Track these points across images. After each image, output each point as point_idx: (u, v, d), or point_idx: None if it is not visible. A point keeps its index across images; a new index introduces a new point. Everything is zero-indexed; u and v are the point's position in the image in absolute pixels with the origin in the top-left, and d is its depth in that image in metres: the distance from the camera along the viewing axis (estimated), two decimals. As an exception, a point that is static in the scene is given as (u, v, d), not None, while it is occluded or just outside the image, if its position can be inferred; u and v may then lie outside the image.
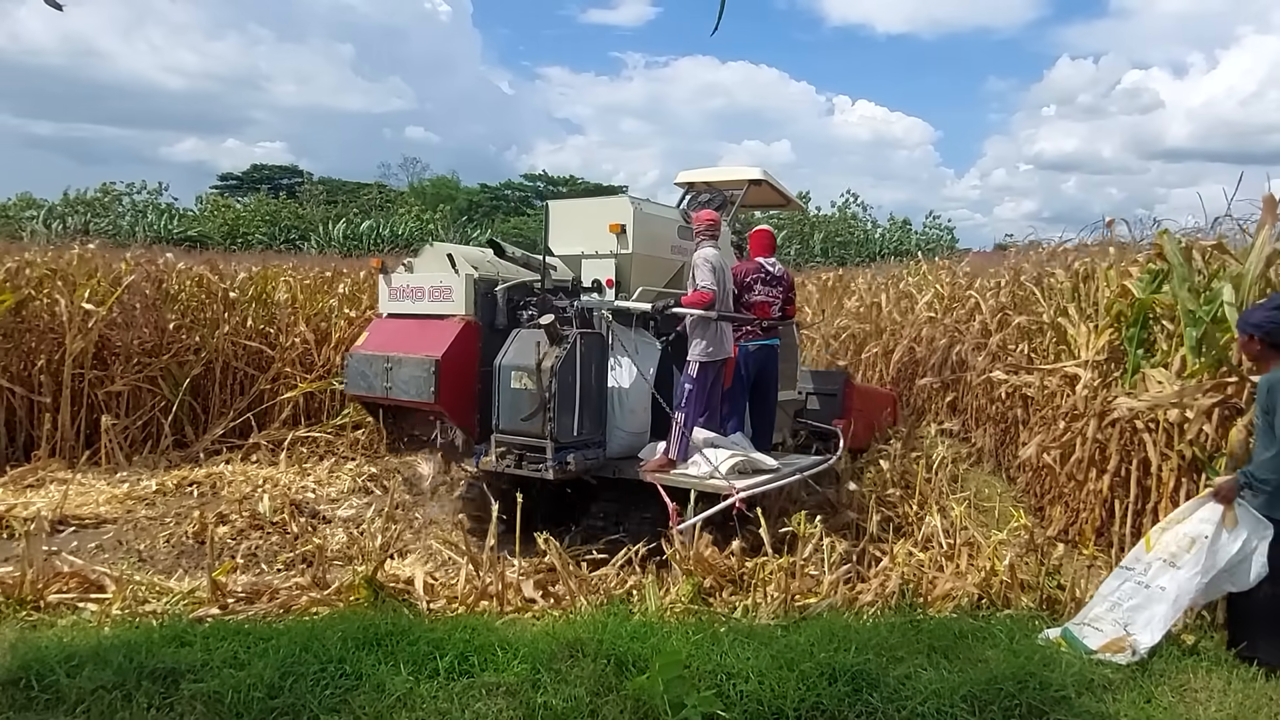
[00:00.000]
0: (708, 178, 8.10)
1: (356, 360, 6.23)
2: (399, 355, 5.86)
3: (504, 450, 5.74)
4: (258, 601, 4.98)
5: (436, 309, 6.05)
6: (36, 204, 46.71)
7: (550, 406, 5.46)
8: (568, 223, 6.66)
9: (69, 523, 6.89)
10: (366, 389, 6.16)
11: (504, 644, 4.14)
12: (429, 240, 7.76)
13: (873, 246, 49.76)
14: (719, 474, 5.72)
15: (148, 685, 3.72)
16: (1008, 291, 9.78)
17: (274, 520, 6.81)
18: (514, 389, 5.64)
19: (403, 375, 5.81)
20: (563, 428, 5.57)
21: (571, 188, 64.13)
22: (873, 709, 3.69)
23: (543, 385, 5.47)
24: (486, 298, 6.04)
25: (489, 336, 5.97)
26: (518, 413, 5.62)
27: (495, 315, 6.06)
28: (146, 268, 9.90)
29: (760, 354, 6.90)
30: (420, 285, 6.20)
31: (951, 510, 6.12)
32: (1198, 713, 3.88)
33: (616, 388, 6.09)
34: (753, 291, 6.91)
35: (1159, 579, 4.44)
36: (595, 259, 6.54)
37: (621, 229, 6.33)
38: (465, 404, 5.90)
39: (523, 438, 5.65)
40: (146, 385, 9.18)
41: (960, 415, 10.25)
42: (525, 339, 5.76)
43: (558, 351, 5.53)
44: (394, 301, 6.39)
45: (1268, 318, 4.32)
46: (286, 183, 60.25)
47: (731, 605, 5.07)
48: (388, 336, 6.17)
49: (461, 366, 5.80)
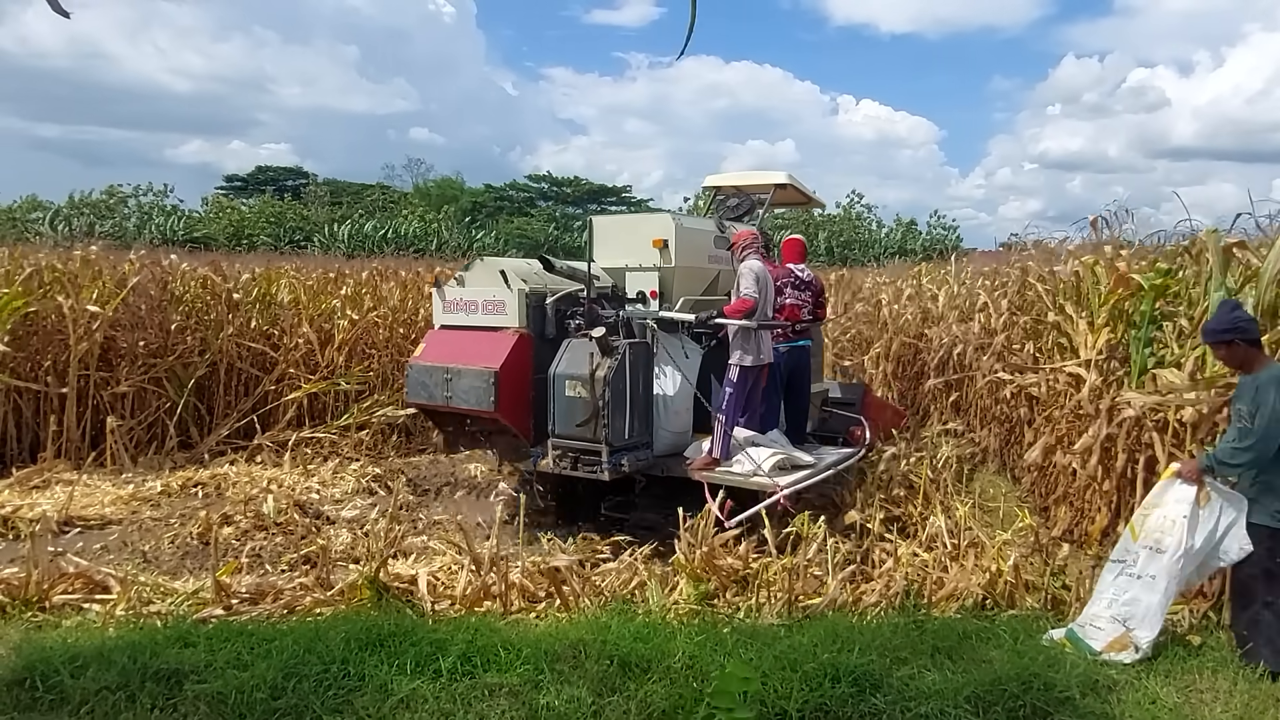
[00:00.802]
0: (735, 181, 8.45)
1: (416, 371, 6.52)
2: (458, 366, 6.22)
3: (560, 453, 6.13)
4: (262, 602, 4.99)
5: (490, 321, 6.41)
6: (42, 206, 46.93)
7: (604, 413, 5.84)
8: (611, 237, 7.14)
9: (74, 524, 6.90)
10: (427, 398, 6.46)
11: (507, 644, 4.14)
12: (478, 255, 8.21)
13: (877, 246, 49.73)
14: (762, 472, 6.05)
15: (151, 686, 3.74)
16: (1012, 290, 9.75)
17: (278, 521, 6.82)
18: (568, 397, 6.00)
19: (463, 385, 6.18)
20: (616, 432, 5.93)
21: (575, 188, 64.21)
22: (876, 710, 3.68)
23: (596, 394, 5.84)
24: (536, 310, 6.38)
25: (540, 346, 6.33)
26: (572, 419, 5.98)
27: (545, 326, 6.40)
28: (151, 269, 9.92)
29: (793, 355, 7.30)
30: (474, 299, 6.54)
31: (956, 510, 6.11)
32: (1203, 713, 3.86)
33: (661, 391, 6.54)
34: (784, 295, 7.28)
35: (1148, 568, 4.45)
36: (639, 271, 6.96)
37: (664, 244, 6.76)
38: (521, 410, 6.29)
39: (578, 441, 6.01)
40: (151, 386, 9.19)
41: (965, 415, 10.23)
42: (576, 349, 6.11)
43: (609, 362, 5.89)
44: (448, 314, 6.71)
45: (1234, 319, 4.41)
46: (291, 184, 60.36)
47: (735, 606, 5.07)
48: (445, 348, 6.49)
49: (517, 376, 6.17)
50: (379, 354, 10.51)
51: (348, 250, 37.56)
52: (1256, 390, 4.25)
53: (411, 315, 11.16)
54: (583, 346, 6.05)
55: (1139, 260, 6.75)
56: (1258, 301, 4.92)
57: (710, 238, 7.25)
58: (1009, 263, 10.93)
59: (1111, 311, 6.55)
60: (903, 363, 12.46)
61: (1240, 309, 4.58)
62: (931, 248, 32.80)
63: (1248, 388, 4.34)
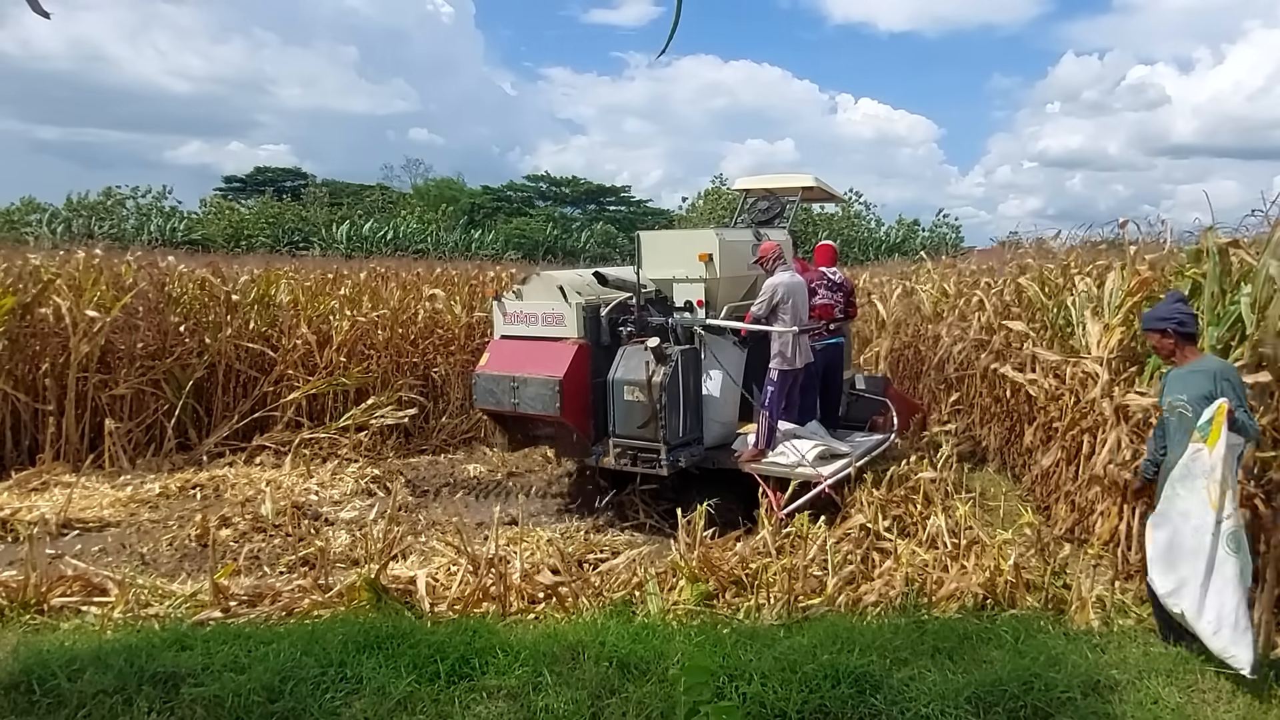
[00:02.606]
0: (766, 184, 9.02)
1: (484, 379, 7.15)
2: (524, 375, 6.87)
3: (620, 451, 6.75)
4: (260, 604, 4.97)
5: (550, 332, 7.06)
6: (40, 208, 46.86)
7: (661, 415, 6.46)
8: (657, 250, 7.68)
9: (73, 526, 6.90)
10: (495, 404, 7.12)
11: (504, 646, 4.12)
12: (536, 271, 8.94)
13: (877, 245, 49.72)
14: (806, 463, 6.63)
15: (148, 689, 3.72)
16: (1010, 289, 9.73)
17: (277, 523, 6.80)
18: (627, 400, 6.64)
19: (529, 392, 6.83)
20: (672, 431, 6.57)
21: (574, 188, 64.14)
22: (876, 711, 3.66)
23: (653, 398, 6.44)
24: (592, 320, 7.00)
25: (596, 353, 6.97)
26: (632, 421, 6.64)
27: (599, 334, 7.04)
28: (149, 271, 9.90)
29: (827, 351, 8.00)
30: (533, 311, 7.18)
31: (956, 510, 6.08)
32: (1205, 714, 3.84)
33: (709, 390, 7.21)
34: (817, 296, 7.92)
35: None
36: (685, 282, 7.47)
37: (709, 258, 7.25)
38: (582, 413, 6.93)
39: (636, 440, 6.66)
40: (150, 388, 9.17)
41: (965, 414, 10.20)
42: (632, 356, 6.74)
43: (664, 368, 6.49)
44: (509, 325, 7.36)
45: (1174, 311, 4.49)
46: (290, 185, 60.25)
47: (735, 607, 5.05)
48: (509, 358, 7.12)
49: (578, 382, 6.81)
50: (378, 355, 10.48)
51: (346, 251, 37.52)
52: (1179, 381, 4.39)
53: (411, 316, 11.12)
54: (638, 353, 6.65)
55: (1163, 265, 6.72)
56: (1254, 299, 4.88)
57: (749, 246, 7.75)
58: (1005, 260, 10.91)
59: (1127, 313, 6.52)
60: (903, 361, 12.45)
61: (1184, 302, 4.66)
62: (933, 246, 32.74)
63: (1173, 381, 4.46)
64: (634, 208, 65.74)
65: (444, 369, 10.87)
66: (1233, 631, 3.97)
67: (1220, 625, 4.00)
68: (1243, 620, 3.98)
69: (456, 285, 12.02)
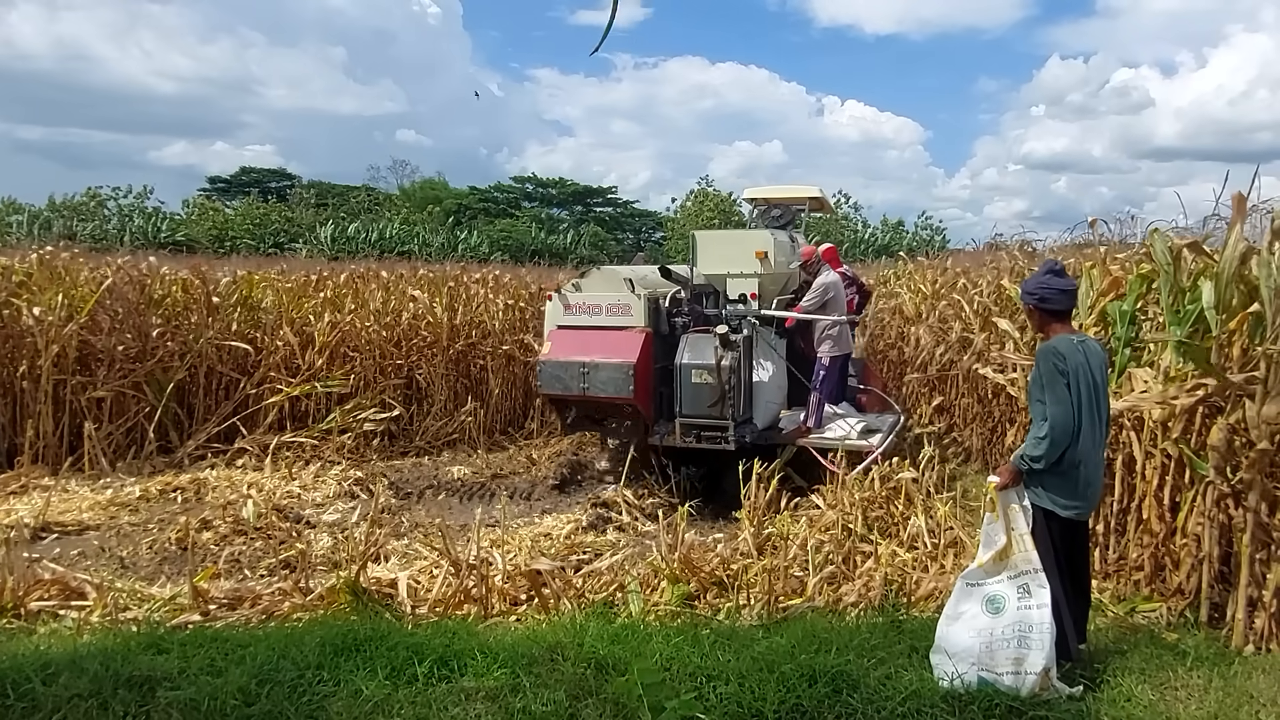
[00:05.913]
0: (776, 195, 10.05)
1: (550, 366, 7.55)
2: (596, 360, 7.33)
3: (686, 429, 7.42)
4: (240, 607, 4.96)
5: (615, 321, 7.58)
6: (20, 209, 46.37)
7: (730, 395, 7.18)
8: (712, 247, 8.38)
9: (52, 529, 6.86)
10: (562, 389, 7.51)
11: (484, 648, 4.11)
12: (595, 265, 9.85)
13: (863, 246, 49.91)
14: (854, 436, 7.72)
15: (124, 693, 3.69)
16: (991, 290, 9.79)
17: (258, 526, 6.77)
18: (695, 383, 7.32)
19: (601, 377, 7.33)
20: (738, 410, 7.31)
21: (560, 189, 64.06)
22: (852, 710, 3.68)
23: (722, 380, 7.18)
24: (655, 311, 7.64)
25: (658, 341, 7.61)
26: (701, 401, 7.33)
27: (660, 323, 7.68)
28: (129, 271, 9.82)
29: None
30: (597, 303, 7.68)
31: (936, 510, 6.12)
32: (1178, 711, 3.88)
33: (760, 375, 8.11)
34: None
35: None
36: (739, 278, 8.25)
37: (764, 255, 8.07)
38: (648, 396, 7.54)
39: (703, 419, 7.36)
40: (130, 391, 9.10)
41: (947, 414, 10.27)
42: (697, 342, 7.46)
43: (731, 354, 7.22)
44: (570, 315, 7.82)
45: (1040, 284, 4.19)
46: (276, 186, 59.90)
47: (716, 607, 5.06)
48: (574, 345, 7.55)
49: (646, 367, 7.41)
50: (361, 357, 10.43)
51: (332, 253, 37.34)
52: (1041, 358, 4.06)
53: (394, 318, 11.05)
54: (703, 340, 7.38)
55: (1110, 263, 6.78)
56: (1218, 298, 4.92)
57: (788, 247, 8.61)
58: (985, 263, 10.99)
59: (1100, 312, 6.57)
60: (887, 361, 12.52)
61: (1056, 274, 4.23)
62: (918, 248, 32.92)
63: (1039, 356, 4.12)
64: (621, 209, 65.73)
65: (427, 371, 10.84)
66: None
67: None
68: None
69: (438, 286, 11.97)
